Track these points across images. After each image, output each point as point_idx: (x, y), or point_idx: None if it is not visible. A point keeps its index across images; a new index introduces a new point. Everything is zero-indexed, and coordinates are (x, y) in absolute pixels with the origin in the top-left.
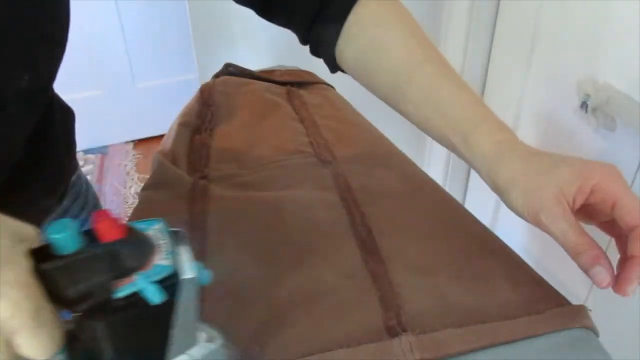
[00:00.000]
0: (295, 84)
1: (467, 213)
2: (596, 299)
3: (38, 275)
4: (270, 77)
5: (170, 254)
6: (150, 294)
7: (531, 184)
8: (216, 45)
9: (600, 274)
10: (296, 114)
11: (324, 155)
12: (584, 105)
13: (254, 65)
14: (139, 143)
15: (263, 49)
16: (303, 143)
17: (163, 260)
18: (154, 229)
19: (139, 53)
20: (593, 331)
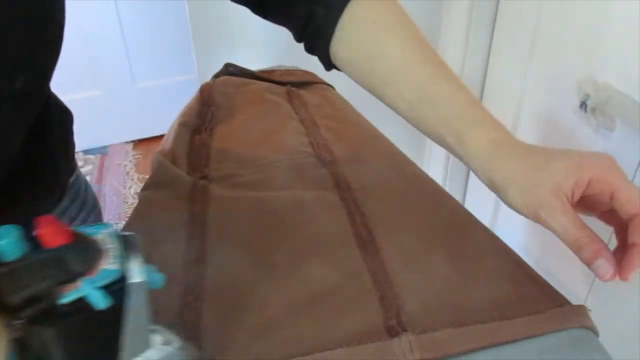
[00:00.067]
0: (295, 84)
1: (467, 213)
2: (596, 299)
3: None
4: (270, 77)
5: (119, 259)
6: (95, 300)
7: (528, 180)
8: (216, 45)
9: (603, 267)
10: (296, 114)
11: (324, 155)
12: (583, 105)
13: (254, 65)
14: (138, 143)
15: (263, 49)
16: (303, 143)
17: (110, 265)
18: (103, 234)
19: (138, 53)
20: (593, 331)
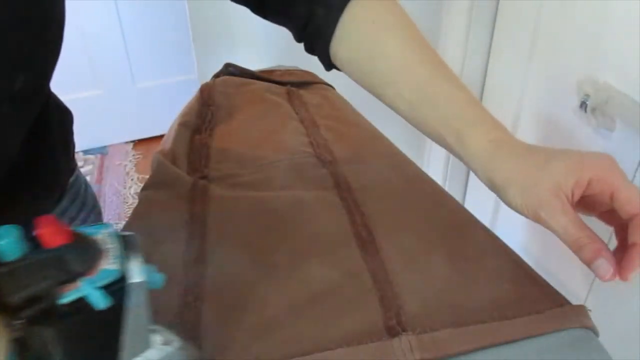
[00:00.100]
0: (295, 84)
1: (467, 213)
2: (596, 299)
3: None
4: (270, 77)
5: (119, 259)
6: (95, 300)
7: (528, 180)
8: (216, 45)
9: (603, 267)
10: (296, 114)
11: (324, 155)
12: (583, 105)
13: (254, 65)
14: (138, 143)
15: (263, 49)
16: (303, 143)
17: (110, 265)
18: (103, 234)
19: (138, 53)
20: (593, 331)
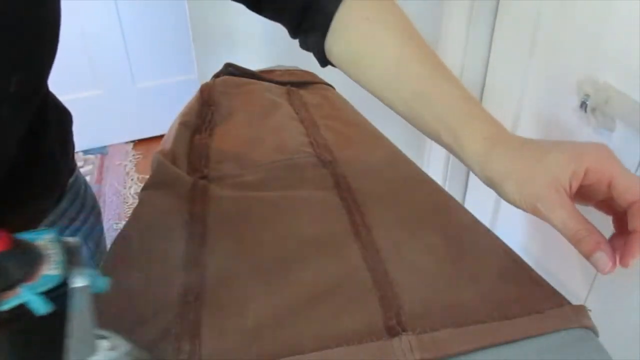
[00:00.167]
0: (295, 84)
1: (467, 213)
2: (596, 299)
3: None
4: (270, 77)
5: (61, 264)
6: (36, 306)
7: (525, 175)
8: (216, 45)
9: (602, 260)
10: (296, 114)
11: (324, 155)
12: (583, 105)
13: (254, 65)
14: (138, 143)
15: (263, 49)
16: (303, 143)
17: (51, 271)
18: (44, 239)
19: (138, 53)
20: (593, 331)
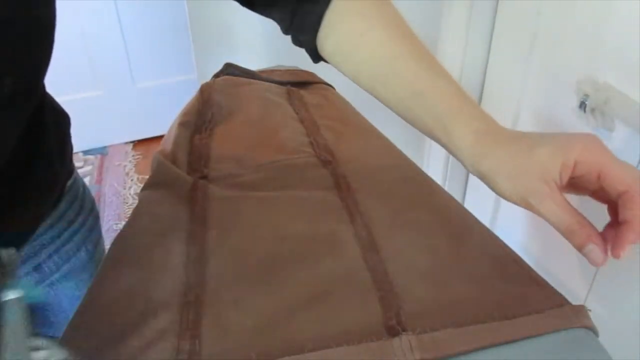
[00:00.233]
0: (295, 84)
1: (467, 213)
2: (596, 299)
3: None
4: (270, 77)
5: None
6: None
7: (515, 169)
8: (215, 45)
9: (593, 253)
10: (296, 114)
11: (324, 155)
12: (582, 105)
13: (254, 65)
14: (138, 144)
15: (263, 49)
16: (303, 143)
17: None
18: None
19: (138, 53)
20: (593, 331)
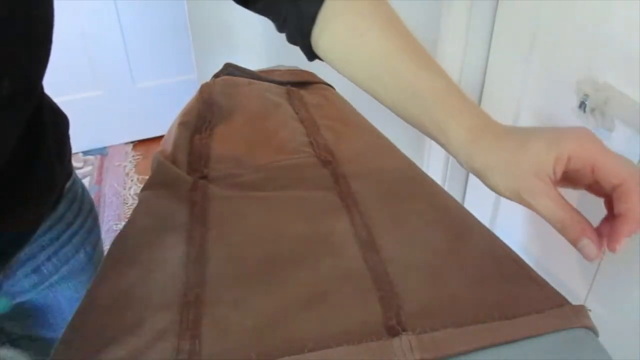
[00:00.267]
0: (295, 84)
1: (467, 213)
2: (596, 299)
3: None
4: (270, 77)
5: None
6: None
7: (508, 164)
8: (215, 45)
9: (587, 247)
10: (296, 114)
11: (324, 155)
12: (582, 105)
13: (254, 65)
14: (138, 144)
15: (263, 49)
16: (303, 143)
17: None
18: None
19: (138, 53)
20: (593, 331)
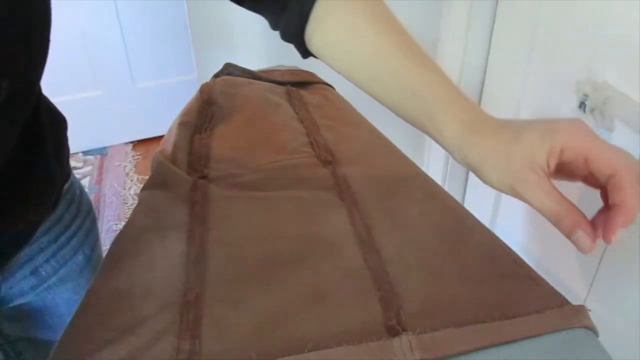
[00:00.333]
0: (295, 84)
1: (467, 213)
2: (596, 299)
3: None
4: (270, 77)
5: None
6: None
7: (501, 157)
8: (215, 45)
9: (582, 240)
10: (296, 114)
11: (324, 155)
12: (582, 105)
13: (253, 65)
14: (138, 144)
15: (263, 49)
16: (303, 143)
17: None
18: None
19: (138, 53)
20: (593, 331)
